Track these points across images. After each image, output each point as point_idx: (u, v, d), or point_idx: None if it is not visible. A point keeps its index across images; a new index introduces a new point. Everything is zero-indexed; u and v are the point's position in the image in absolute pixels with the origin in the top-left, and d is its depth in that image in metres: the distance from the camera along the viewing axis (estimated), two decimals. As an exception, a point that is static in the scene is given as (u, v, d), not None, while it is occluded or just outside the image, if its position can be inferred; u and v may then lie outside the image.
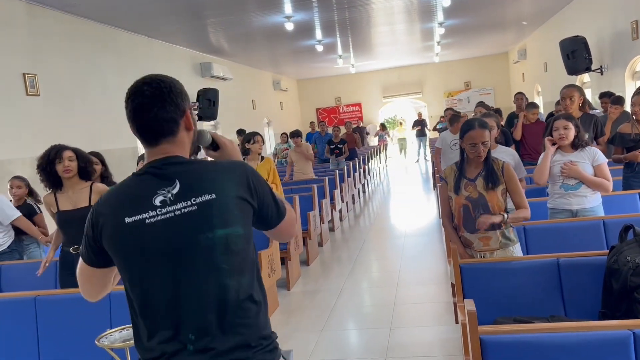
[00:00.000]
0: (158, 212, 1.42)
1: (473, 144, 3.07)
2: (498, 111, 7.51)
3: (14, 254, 4.62)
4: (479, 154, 3.07)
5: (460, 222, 3.17)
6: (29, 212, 4.79)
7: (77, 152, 3.63)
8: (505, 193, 3.09)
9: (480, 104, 7.99)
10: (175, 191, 1.43)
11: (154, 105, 1.47)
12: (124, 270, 1.48)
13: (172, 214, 1.41)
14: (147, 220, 1.42)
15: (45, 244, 4.66)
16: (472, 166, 3.16)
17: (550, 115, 6.35)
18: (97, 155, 4.52)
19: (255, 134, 5.62)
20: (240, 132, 10.36)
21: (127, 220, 1.42)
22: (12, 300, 3.21)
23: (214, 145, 1.66)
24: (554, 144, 3.79)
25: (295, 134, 8.97)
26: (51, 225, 5.02)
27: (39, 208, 4.90)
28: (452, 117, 6.78)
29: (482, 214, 3.04)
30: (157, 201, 1.42)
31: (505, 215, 3.05)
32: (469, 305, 2.04)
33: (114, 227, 1.45)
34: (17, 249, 4.68)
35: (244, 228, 1.47)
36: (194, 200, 1.42)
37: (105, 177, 4.48)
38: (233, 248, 1.44)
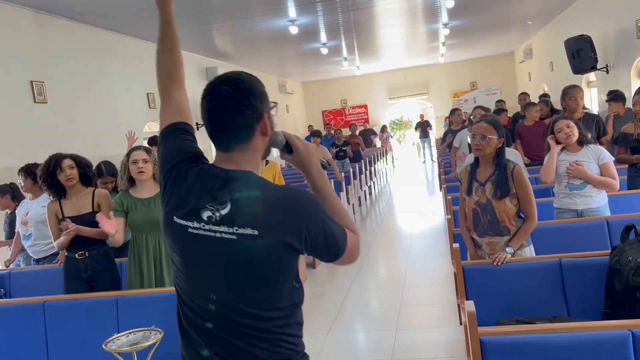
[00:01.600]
0: (202, 227, 1.39)
1: (473, 135, 3.08)
2: (500, 111, 7.44)
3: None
4: (477, 148, 3.06)
5: (471, 225, 3.18)
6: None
7: (76, 159, 3.66)
8: (516, 198, 3.03)
9: (479, 107, 7.94)
10: (223, 212, 1.37)
11: (230, 109, 1.39)
12: (169, 248, 1.51)
13: (213, 233, 1.38)
14: (189, 229, 1.41)
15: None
16: (483, 167, 3.13)
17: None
18: (106, 165, 4.58)
19: None
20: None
21: (176, 219, 1.43)
22: (22, 306, 3.26)
23: (288, 147, 1.55)
24: (558, 142, 3.78)
25: (315, 134, 8.82)
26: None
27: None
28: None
29: (491, 220, 3.04)
30: (205, 216, 1.39)
31: (512, 250, 2.98)
32: (469, 306, 2.06)
33: (168, 214, 1.46)
34: None
35: (278, 276, 1.41)
36: (236, 230, 1.36)
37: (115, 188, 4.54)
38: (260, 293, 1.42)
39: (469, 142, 3.17)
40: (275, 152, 1.69)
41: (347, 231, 1.49)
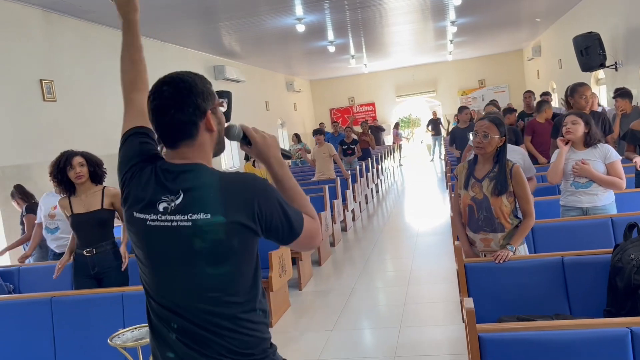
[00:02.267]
0: (159, 218, 1.44)
1: (475, 132, 3.09)
2: (509, 110, 7.41)
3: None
4: (479, 145, 3.07)
5: (466, 221, 3.19)
6: (21, 216, 4.95)
7: (87, 157, 3.71)
8: (512, 196, 3.05)
9: (492, 102, 7.97)
10: (177, 202, 1.43)
11: (171, 107, 1.44)
12: (132, 244, 1.56)
13: (169, 223, 1.43)
14: (147, 222, 1.46)
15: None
16: (481, 164, 3.14)
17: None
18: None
19: None
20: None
21: (135, 214, 1.48)
22: (29, 301, 3.32)
23: (246, 139, 1.58)
24: (566, 143, 3.77)
25: (317, 132, 8.83)
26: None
27: (28, 209, 4.98)
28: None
29: (486, 216, 3.06)
30: (161, 207, 1.44)
31: (514, 248, 3.00)
32: (468, 303, 2.07)
33: (128, 210, 1.52)
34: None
35: (236, 258, 1.44)
36: (190, 217, 1.41)
37: None
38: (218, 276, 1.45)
39: (470, 139, 3.18)
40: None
41: (305, 215, 1.53)
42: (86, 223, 3.63)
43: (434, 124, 17.46)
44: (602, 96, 10.50)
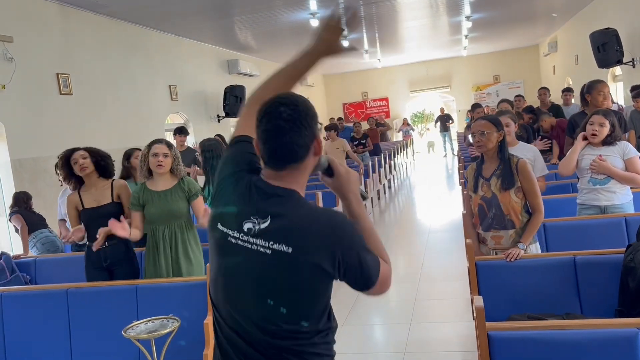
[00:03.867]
0: (241, 237, 1.44)
1: (473, 133, 3.14)
2: (529, 110, 7.25)
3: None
4: (479, 144, 3.10)
5: (477, 220, 3.20)
6: (40, 219, 5.04)
7: (90, 150, 3.74)
8: (521, 192, 3.06)
9: (506, 100, 7.88)
10: (263, 226, 1.41)
11: (290, 130, 1.40)
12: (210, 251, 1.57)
13: (250, 245, 1.42)
14: (229, 237, 1.46)
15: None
16: (487, 163, 3.16)
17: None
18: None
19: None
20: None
21: (219, 226, 1.48)
22: (46, 293, 3.38)
23: (329, 171, 1.56)
24: (585, 138, 3.75)
25: (330, 127, 8.83)
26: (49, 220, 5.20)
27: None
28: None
29: (495, 214, 3.06)
30: (246, 227, 1.43)
31: (524, 246, 3.00)
32: (478, 301, 2.08)
33: (214, 219, 1.52)
34: None
35: (309, 295, 1.44)
36: (271, 245, 1.40)
37: None
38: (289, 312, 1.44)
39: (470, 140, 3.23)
40: None
41: (381, 261, 1.50)
42: (97, 217, 3.66)
43: (442, 120, 17.37)
44: (619, 93, 10.38)
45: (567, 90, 8.02)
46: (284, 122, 1.40)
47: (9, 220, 5.18)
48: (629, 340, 1.85)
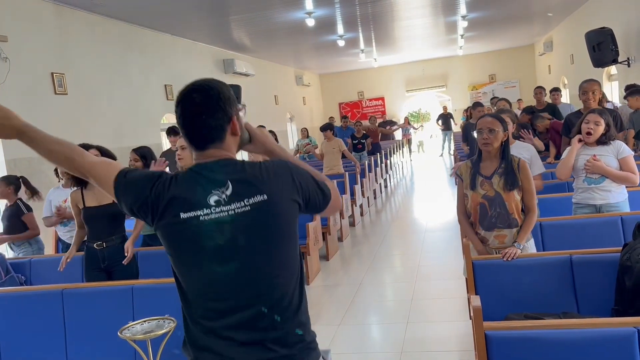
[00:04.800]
0: (212, 211, 1.48)
1: (479, 130, 3.11)
2: (529, 111, 7.21)
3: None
4: (486, 142, 3.07)
5: (477, 219, 3.15)
6: (17, 213, 4.78)
7: (102, 150, 3.76)
8: (522, 190, 3.07)
9: (502, 99, 7.88)
10: (228, 192, 1.49)
11: (202, 113, 1.51)
12: (175, 259, 1.57)
13: (226, 213, 1.48)
14: (200, 218, 1.48)
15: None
16: (487, 162, 3.14)
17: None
18: (140, 149, 4.52)
19: None
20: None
21: (182, 215, 1.49)
22: (41, 293, 3.36)
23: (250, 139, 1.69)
24: (580, 140, 3.75)
25: (326, 127, 8.82)
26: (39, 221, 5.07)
27: (27, 207, 4.86)
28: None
29: (500, 213, 3.05)
30: (212, 200, 1.49)
31: (521, 245, 3.00)
32: (475, 301, 2.08)
33: (170, 217, 1.51)
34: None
35: (292, 231, 1.58)
36: (247, 202, 1.49)
37: None
38: (283, 252, 1.55)
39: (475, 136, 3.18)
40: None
41: (325, 181, 1.69)
42: (98, 216, 3.68)
43: (444, 118, 17.36)
44: (615, 92, 10.41)
45: (555, 90, 8.04)
46: (196, 107, 1.51)
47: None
48: (627, 340, 1.85)
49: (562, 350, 1.89)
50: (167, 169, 4.11)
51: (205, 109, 1.51)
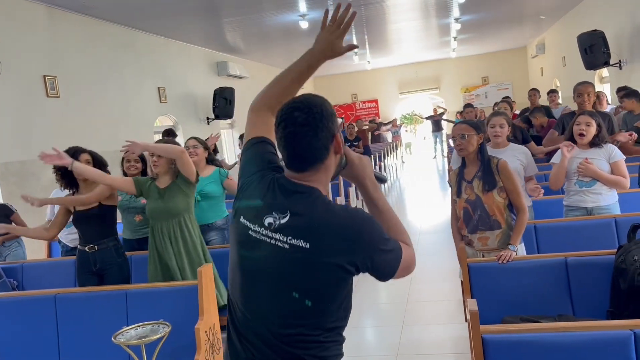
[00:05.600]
0: (261, 231, 1.46)
1: (453, 137, 3.22)
2: (525, 120, 7.21)
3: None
4: (460, 147, 3.15)
5: (462, 224, 3.24)
6: (5, 213, 4.73)
7: (94, 156, 3.74)
8: (504, 191, 3.10)
9: (506, 99, 7.88)
10: (283, 222, 1.43)
11: (306, 134, 1.43)
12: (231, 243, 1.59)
13: (269, 239, 1.44)
14: (249, 232, 1.48)
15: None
16: (469, 167, 3.22)
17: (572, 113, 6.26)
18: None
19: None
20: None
21: (242, 220, 1.51)
22: (34, 298, 3.33)
23: (345, 162, 1.57)
24: (569, 146, 3.77)
25: None
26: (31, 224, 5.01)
27: (12, 207, 4.83)
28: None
29: (480, 215, 3.10)
30: (266, 222, 1.45)
31: (516, 247, 3.02)
32: (472, 305, 2.08)
33: (237, 212, 1.54)
34: None
35: (324, 294, 1.45)
36: (289, 240, 1.41)
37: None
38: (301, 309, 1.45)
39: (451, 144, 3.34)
40: None
41: (402, 245, 1.53)
42: (86, 220, 3.66)
43: (434, 120, 17.40)
44: (606, 94, 10.47)
45: (552, 92, 8.08)
46: (299, 127, 1.42)
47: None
48: (623, 342, 1.86)
49: (560, 353, 1.89)
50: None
51: (309, 129, 1.43)
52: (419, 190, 11.90)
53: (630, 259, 2.58)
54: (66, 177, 3.68)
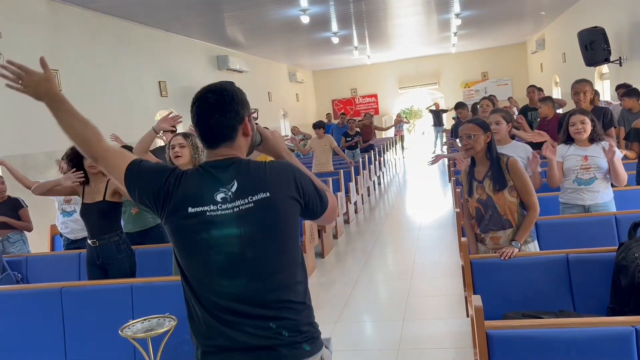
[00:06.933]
0: (218, 207, 1.57)
1: (460, 137, 3.22)
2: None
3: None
4: (467, 147, 3.14)
5: (476, 222, 3.24)
6: (15, 206, 4.79)
7: None
8: (515, 190, 3.09)
9: (488, 98, 7.87)
10: (233, 189, 1.58)
11: (215, 112, 1.60)
12: (180, 252, 1.64)
13: (231, 210, 1.57)
14: (207, 214, 1.57)
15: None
16: (479, 166, 3.20)
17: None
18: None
19: None
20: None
21: (190, 210, 1.58)
22: (39, 292, 3.35)
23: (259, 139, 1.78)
24: (571, 142, 3.81)
25: (318, 125, 8.88)
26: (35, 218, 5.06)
27: (24, 202, 4.88)
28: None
29: (492, 215, 3.10)
30: (219, 197, 1.57)
31: (519, 244, 3.03)
32: (476, 301, 2.11)
33: (179, 211, 1.59)
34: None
35: (293, 231, 1.65)
36: (250, 199, 1.57)
37: None
38: (284, 247, 1.62)
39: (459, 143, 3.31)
40: None
41: (326, 192, 1.76)
42: (90, 213, 3.68)
43: (436, 114, 17.40)
44: (606, 91, 10.50)
45: (541, 91, 8.08)
46: (209, 106, 1.61)
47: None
48: (625, 338, 1.89)
49: (563, 348, 1.92)
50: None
51: (218, 109, 1.60)
52: (418, 185, 11.94)
53: (631, 256, 2.62)
54: (77, 169, 3.71)
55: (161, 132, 4.10)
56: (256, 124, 1.76)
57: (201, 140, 1.66)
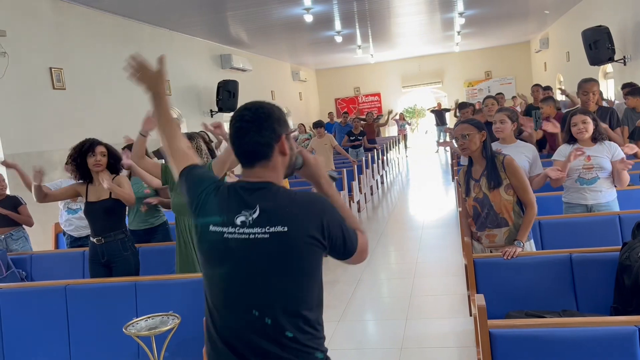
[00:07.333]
0: (236, 231, 1.57)
1: (455, 138, 3.22)
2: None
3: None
4: (463, 147, 3.16)
5: (472, 221, 3.27)
6: (14, 203, 4.80)
7: (109, 148, 3.77)
8: (511, 188, 3.10)
9: (492, 97, 7.86)
10: (255, 216, 1.56)
11: (250, 129, 1.59)
12: (199, 256, 1.70)
13: (247, 235, 1.56)
14: (224, 235, 1.58)
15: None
16: (476, 165, 3.23)
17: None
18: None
19: None
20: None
21: (212, 228, 1.61)
22: (44, 289, 3.36)
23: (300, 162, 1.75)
24: (573, 142, 3.81)
25: (318, 124, 8.89)
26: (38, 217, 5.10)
27: (22, 199, 4.88)
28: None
29: (488, 213, 3.12)
30: (239, 221, 1.57)
31: (522, 243, 3.05)
32: (479, 300, 2.11)
33: (203, 225, 1.64)
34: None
35: (307, 270, 1.59)
36: (268, 229, 1.54)
37: None
38: (294, 284, 1.58)
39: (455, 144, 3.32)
40: None
41: (358, 231, 1.69)
42: (95, 212, 3.70)
43: (439, 114, 17.39)
44: (610, 90, 10.47)
45: (547, 89, 8.07)
46: (245, 124, 1.60)
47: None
48: (628, 338, 1.90)
49: (566, 348, 1.93)
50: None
51: (254, 126, 1.59)
52: (421, 184, 11.93)
53: (635, 256, 2.61)
54: (81, 168, 3.72)
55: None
56: (301, 148, 1.74)
57: (238, 160, 1.66)
